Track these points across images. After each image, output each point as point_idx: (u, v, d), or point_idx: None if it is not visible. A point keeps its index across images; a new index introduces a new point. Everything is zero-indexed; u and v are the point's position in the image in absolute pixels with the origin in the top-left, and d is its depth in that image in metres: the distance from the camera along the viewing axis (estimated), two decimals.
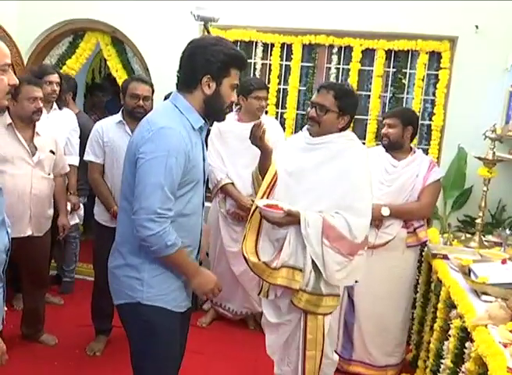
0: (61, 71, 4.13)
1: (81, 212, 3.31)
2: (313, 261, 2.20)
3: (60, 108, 3.49)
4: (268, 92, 3.45)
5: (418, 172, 2.93)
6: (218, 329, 3.64)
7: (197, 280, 1.87)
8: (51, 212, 3.04)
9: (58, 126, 3.02)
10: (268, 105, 3.62)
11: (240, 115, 3.46)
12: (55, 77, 3.33)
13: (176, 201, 1.76)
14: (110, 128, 3.04)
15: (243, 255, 2.29)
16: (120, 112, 3.08)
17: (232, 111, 3.44)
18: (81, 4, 4.03)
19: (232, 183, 3.42)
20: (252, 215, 2.33)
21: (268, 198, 2.32)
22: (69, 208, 3.11)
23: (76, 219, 3.26)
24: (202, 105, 1.81)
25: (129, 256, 1.84)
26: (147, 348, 1.87)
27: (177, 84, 1.84)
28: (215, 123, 3.41)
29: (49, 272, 3.35)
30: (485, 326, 1.93)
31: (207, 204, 2.27)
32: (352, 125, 3.73)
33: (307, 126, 2.35)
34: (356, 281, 2.34)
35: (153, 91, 3.10)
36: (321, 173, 2.24)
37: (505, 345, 1.77)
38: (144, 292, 1.82)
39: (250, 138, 2.33)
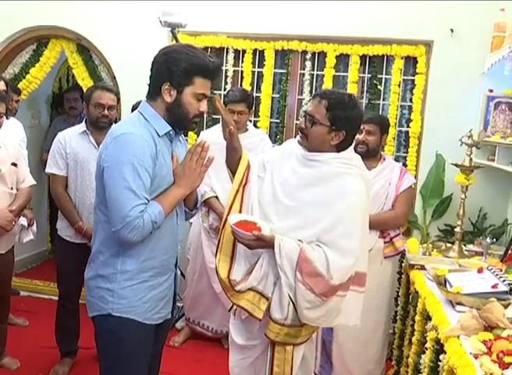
0: (24, 80, 4.00)
1: (34, 227, 3.16)
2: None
3: (7, 118, 3.33)
4: (247, 105, 3.28)
5: (390, 180, 2.86)
6: (191, 348, 3.52)
7: (184, 188, 1.84)
8: (14, 229, 2.89)
9: (7, 137, 2.87)
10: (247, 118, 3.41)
11: None
12: (1, 85, 3.17)
13: None
14: (73, 138, 2.92)
15: (215, 264, 2.10)
16: (84, 122, 2.97)
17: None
18: (45, 10, 3.90)
19: (217, 197, 3.32)
20: (224, 228, 2.10)
21: (242, 199, 2.10)
22: (25, 223, 2.96)
23: (30, 236, 3.10)
24: (166, 112, 1.81)
25: (102, 267, 1.83)
26: (114, 361, 1.86)
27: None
28: (202, 133, 3.37)
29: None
30: (458, 337, 1.87)
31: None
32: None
33: (298, 137, 2.12)
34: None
35: (118, 100, 3.00)
36: (304, 195, 2.00)
37: (476, 356, 1.71)
38: (115, 303, 1.80)
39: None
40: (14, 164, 2.84)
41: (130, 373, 1.88)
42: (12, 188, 2.84)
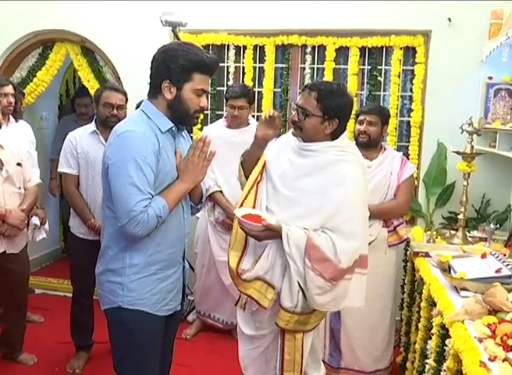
0: (31, 83, 4.07)
1: (46, 226, 3.24)
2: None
3: (16, 121, 3.41)
4: (248, 100, 3.33)
5: (392, 169, 2.91)
6: (202, 340, 3.59)
7: (188, 182, 1.88)
8: (25, 228, 2.97)
9: (17, 139, 2.95)
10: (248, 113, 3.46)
11: (228, 121, 3.43)
12: (9, 89, 3.24)
13: None
14: (83, 138, 2.99)
15: (227, 254, 2.15)
16: (93, 122, 3.04)
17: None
18: (48, 14, 3.97)
19: (221, 191, 3.38)
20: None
21: (255, 196, 2.13)
22: (37, 222, 3.03)
23: (43, 234, 3.18)
24: (167, 109, 1.85)
25: (111, 261, 1.88)
26: (126, 352, 1.91)
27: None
28: (205, 128, 3.42)
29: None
30: (462, 321, 1.91)
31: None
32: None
33: (291, 130, 2.15)
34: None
35: (126, 100, 3.05)
36: (302, 185, 2.04)
37: (480, 340, 1.75)
38: (125, 296, 1.85)
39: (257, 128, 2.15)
40: (19, 164, 2.91)
41: (143, 364, 1.91)
42: (20, 188, 2.91)
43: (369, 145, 2.90)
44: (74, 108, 4.82)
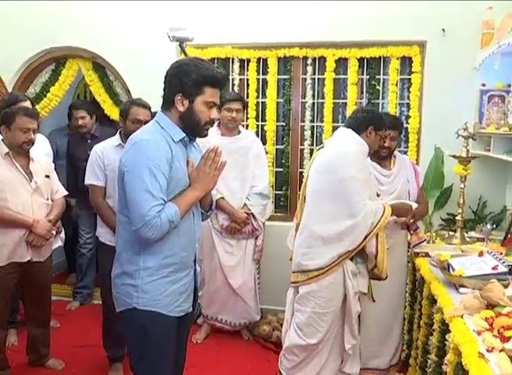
0: (45, 99, 4.23)
1: (62, 235, 3.36)
2: None
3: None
4: (243, 104, 3.50)
5: (407, 176, 3.04)
6: (211, 342, 3.66)
7: (199, 190, 1.96)
8: (51, 238, 3.06)
9: (34, 151, 3.08)
10: (247, 118, 3.65)
11: (221, 128, 3.56)
12: (27, 104, 3.32)
13: None
14: (110, 151, 3.04)
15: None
16: (118, 135, 3.08)
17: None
18: (61, 32, 4.13)
19: (223, 198, 3.48)
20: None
21: None
22: (54, 231, 3.14)
23: (58, 242, 3.28)
24: (179, 120, 1.94)
25: (126, 264, 1.94)
26: (141, 352, 1.97)
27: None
28: (200, 138, 3.54)
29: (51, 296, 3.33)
30: (461, 316, 1.99)
31: None
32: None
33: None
34: None
35: (151, 114, 3.04)
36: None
37: (478, 333, 1.83)
38: (139, 298, 1.92)
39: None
40: (47, 176, 3.02)
41: (157, 364, 1.97)
42: (47, 199, 3.02)
43: (387, 157, 3.04)
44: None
